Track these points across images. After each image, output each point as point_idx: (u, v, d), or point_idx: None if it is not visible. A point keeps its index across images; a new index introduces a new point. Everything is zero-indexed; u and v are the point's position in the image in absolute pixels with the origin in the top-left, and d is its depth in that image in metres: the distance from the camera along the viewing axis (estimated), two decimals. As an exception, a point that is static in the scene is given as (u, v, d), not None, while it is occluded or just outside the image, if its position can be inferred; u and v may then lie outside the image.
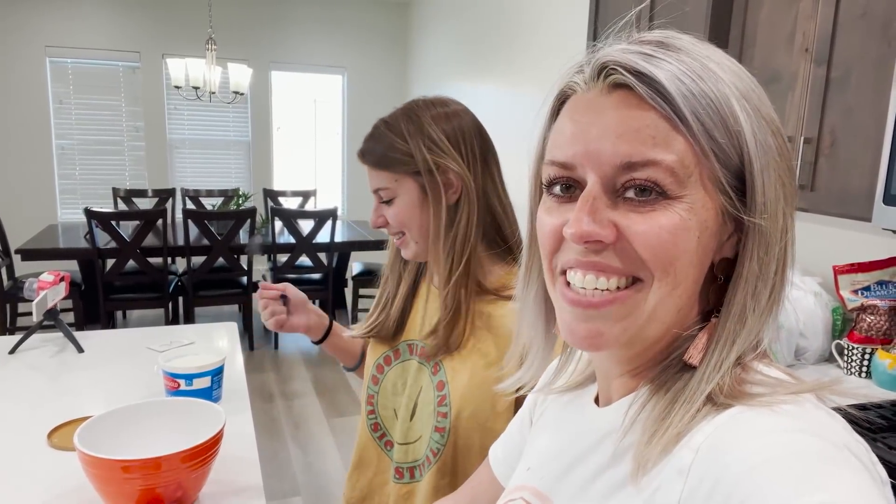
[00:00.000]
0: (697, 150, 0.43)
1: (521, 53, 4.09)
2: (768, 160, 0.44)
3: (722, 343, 0.46)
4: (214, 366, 1.37)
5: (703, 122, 0.42)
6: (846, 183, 1.59)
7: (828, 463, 0.37)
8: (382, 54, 6.40)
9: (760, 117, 0.45)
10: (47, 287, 1.65)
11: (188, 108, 5.83)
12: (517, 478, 0.62)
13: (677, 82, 0.42)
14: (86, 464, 0.94)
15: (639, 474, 0.44)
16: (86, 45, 5.50)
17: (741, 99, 0.43)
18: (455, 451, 0.94)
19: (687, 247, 0.44)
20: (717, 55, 0.46)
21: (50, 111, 5.50)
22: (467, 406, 0.93)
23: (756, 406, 0.42)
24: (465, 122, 0.98)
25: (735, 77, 0.45)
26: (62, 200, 5.68)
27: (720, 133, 0.43)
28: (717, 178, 0.44)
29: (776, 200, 0.45)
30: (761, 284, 0.45)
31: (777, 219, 0.45)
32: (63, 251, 3.91)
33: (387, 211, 0.99)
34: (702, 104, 0.42)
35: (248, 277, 4.26)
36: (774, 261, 0.45)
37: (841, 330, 1.83)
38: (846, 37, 1.58)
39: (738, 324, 0.46)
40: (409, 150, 0.95)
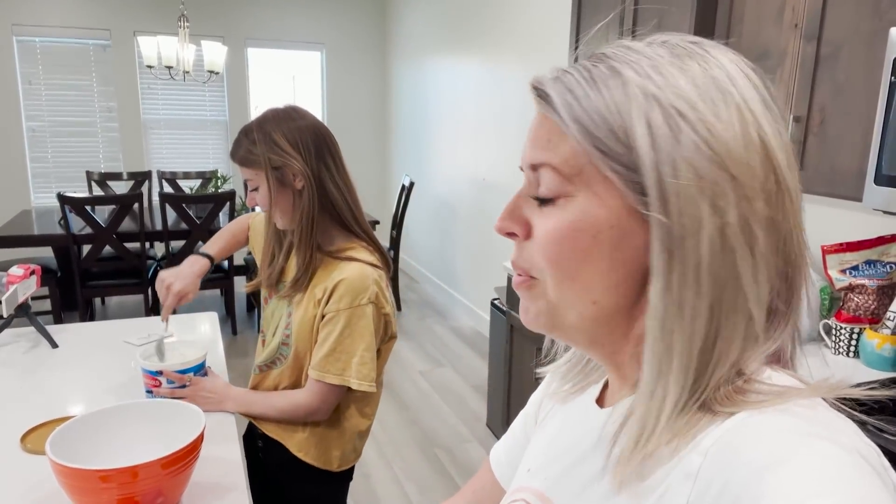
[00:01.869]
0: (581, 150, 0.46)
1: (502, 30, 4.01)
2: (674, 154, 0.43)
3: (658, 359, 0.45)
4: (195, 363, 1.33)
5: (584, 123, 0.45)
6: (836, 162, 1.57)
7: (838, 467, 0.37)
8: (361, 30, 6.27)
9: (672, 115, 0.43)
10: (17, 281, 1.59)
11: (162, 88, 5.67)
12: (518, 479, 0.62)
13: (566, 94, 0.46)
14: (59, 474, 0.90)
15: (620, 490, 0.45)
16: (54, 22, 5.31)
17: (646, 97, 0.44)
18: (294, 354, 1.37)
19: (576, 247, 0.47)
20: (660, 61, 0.45)
21: (19, 92, 5.33)
22: (300, 329, 1.36)
23: (766, 410, 0.42)
24: (306, 129, 1.32)
25: (654, 80, 0.44)
26: (35, 185, 5.53)
27: (604, 132, 0.45)
28: (609, 175, 0.45)
29: (686, 194, 0.43)
30: (681, 284, 0.43)
31: (687, 212, 0.43)
32: (37, 238, 3.81)
33: (256, 195, 1.34)
34: (585, 109, 0.45)
35: (229, 262, 4.19)
36: (694, 259, 0.43)
37: (829, 309, 1.82)
38: (837, 12, 1.54)
39: (661, 329, 0.44)
40: (258, 153, 1.29)
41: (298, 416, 1.36)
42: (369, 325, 1.32)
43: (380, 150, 6.56)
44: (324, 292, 1.32)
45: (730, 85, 0.44)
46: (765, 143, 0.44)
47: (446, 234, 5.15)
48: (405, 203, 4.80)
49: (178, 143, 5.90)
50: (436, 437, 3.06)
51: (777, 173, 0.44)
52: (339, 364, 1.30)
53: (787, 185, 0.44)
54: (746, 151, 0.43)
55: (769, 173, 0.44)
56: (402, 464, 2.83)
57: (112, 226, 3.71)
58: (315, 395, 1.33)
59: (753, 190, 0.43)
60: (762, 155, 0.44)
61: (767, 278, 0.44)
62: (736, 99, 0.44)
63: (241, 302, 4.92)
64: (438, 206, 5.28)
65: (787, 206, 0.44)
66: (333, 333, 1.30)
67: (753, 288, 0.43)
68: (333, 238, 1.37)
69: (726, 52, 0.47)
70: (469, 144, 4.60)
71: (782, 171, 0.44)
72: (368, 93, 6.41)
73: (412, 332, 4.48)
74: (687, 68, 0.45)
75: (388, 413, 3.28)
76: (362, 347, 1.31)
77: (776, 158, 0.44)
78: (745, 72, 0.46)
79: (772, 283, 0.44)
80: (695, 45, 0.46)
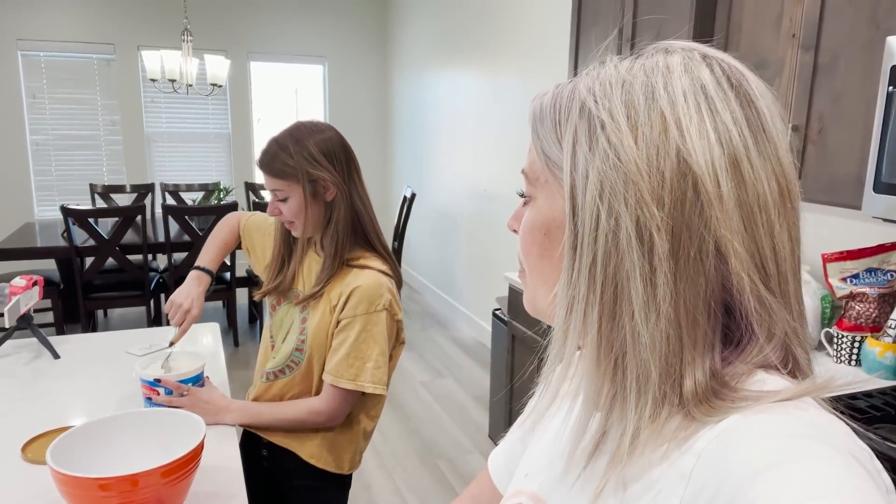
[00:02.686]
0: (540, 157, 0.51)
1: (503, 41, 4.04)
2: (588, 163, 0.46)
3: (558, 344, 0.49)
4: (193, 373, 1.33)
5: (539, 132, 0.51)
6: (835, 170, 1.58)
7: (831, 469, 0.37)
8: (363, 43, 6.31)
9: (595, 126, 0.46)
10: (19, 292, 1.60)
11: (165, 101, 5.71)
12: (516, 483, 0.62)
13: (536, 104, 0.52)
14: (59, 482, 0.90)
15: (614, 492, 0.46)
16: (58, 37, 5.36)
17: (581, 112, 0.47)
18: (308, 360, 1.39)
19: (534, 242, 0.53)
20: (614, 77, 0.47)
21: (23, 106, 5.37)
22: (316, 334, 1.37)
23: (759, 412, 0.42)
24: (335, 141, 1.36)
25: (594, 94, 0.47)
26: (38, 197, 5.56)
27: (550, 143, 0.49)
28: (550, 179, 0.50)
29: (589, 197, 0.45)
30: (577, 279, 0.46)
31: (588, 214, 0.45)
32: (40, 250, 3.83)
33: (282, 206, 1.35)
34: (541, 120, 0.51)
35: (231, 273, 4.19)
36: (589, 257, 0.45)
37: (830, 318, 1.82)
38: (834, 22, 1.55)
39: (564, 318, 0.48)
40: (295, 165, 1.31)
41: (318, 423, 1.37)
42: (383, 330, 1.34)
43: (381, 161, 6.59)
44: (339, 298, 1.34)
45: (661, 89, 0.45)
46: (681, 151, 0.43)
47: (447, 244, 5.16)
48: (407, 214, 4.81)
49: (180, 156, 5.93)
50: (437, 448, 3.05)
51: (696, 179, 0.43)
52: (352, 370, 1.32)
53: (709, 194, 0.43)
54: (658, 159, 0.43)
55: (683, 180, 0.43)
56: (404, 474, 2.82)
57: (115, 238, 3.72)
58: (332, 400, 1.34)
59: (655, 196, 0.43)
60: (675, 161, 0.43)
61: (677, 283, 0.43)
62: (661, 104, 0.44)
63: (244, 314, 4.92)
64: (439, 217, 5.29)
65: (710, 215, 0.43)
66: (349, 339, 1.32)
67: (644, 290, 0.43)
68: (353, 247, 1.39)
69: (686, 52, 0.47)
70: (469, 156, 4.62)
71: (704, 178, 0.43)
72: (370, 105, 6.45)
73: (414, 343, 4.47)
74: (630, 78, 0.46)
75: (390, 424, 3.27)
76: (377, 352, 1.33)
77: (696, 164, 0.43)
78: (694, 72, 0.45)
79: (696, 288, 0.43)
80: (659, 51, 0.48)
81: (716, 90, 0.45)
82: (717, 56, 0.47)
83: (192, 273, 1.52)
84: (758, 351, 0.45)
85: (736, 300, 0.45)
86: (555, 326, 0.49)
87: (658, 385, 0.44)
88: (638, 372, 0.44)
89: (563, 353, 0.48)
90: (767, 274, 0.45)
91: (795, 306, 0.46)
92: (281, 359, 1.43)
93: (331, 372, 1.33)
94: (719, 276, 0.44)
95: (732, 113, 0.45)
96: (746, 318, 0.45)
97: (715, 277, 0.44)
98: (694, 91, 0.45)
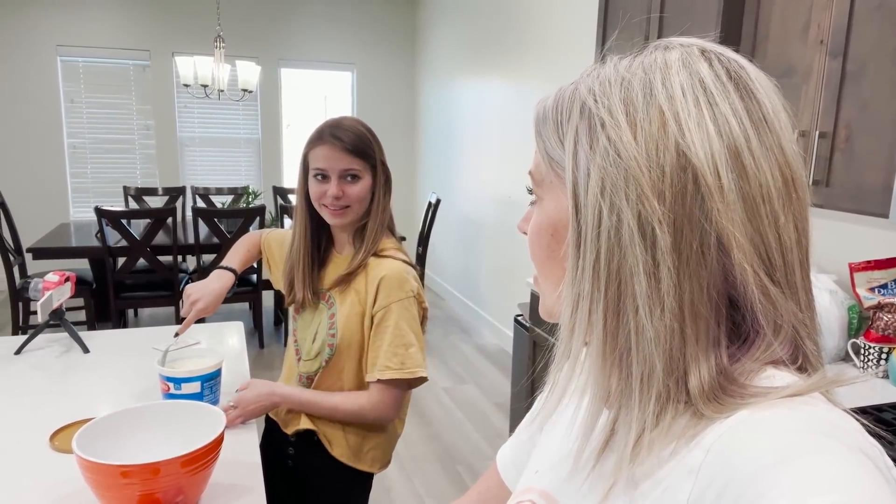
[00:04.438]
0: (545, 158, 0.51)
1: (529, 49, 4.05)
2: (589, 161, 0.46)
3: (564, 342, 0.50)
4: (207, 370, 1.33)
5: (543, 135, 0.51)
6: (862, 178, 1.55)
7: (841, 464, 0.37)
8: (391, 50, 6.38)
9: (595, 125, 0.47)
10: (52, 287, 1.65)
11: (198, 106, 5.84)
12: (525, 480, 0.62)
13: (540, 107, 0.52)
14: (84, 469, 0.93)
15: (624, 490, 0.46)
16: (96, 43, 5.52)
17: (582, 111, 0.48)
18: (339, 353, 1.38)
19: (541, 243, 0.53)
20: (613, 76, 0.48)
21: (61, 110, 5.53)
22: (347, 323, 1.37)
23: (768, 407, 0.42)
24: None
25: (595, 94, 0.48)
26: (74, 199, 5.71)
27: (555, 143, 0.50)
28: (554, 180, 0.51)
29: (591, 194, 0.46)
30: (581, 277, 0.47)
31: (591, 211, 0.46)
32: (74, 249, 3.93)
33: (348, 187, 1.35)
34: (544, 122, 0.51)
35: (257, 276, 4.26)
36: (593, 254, 0.46)
37: (857, 329, 1.79)
38: (862, 29, 1.54)
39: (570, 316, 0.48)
40: (377, 150, 1.39)
41: (366, 421, 1.38)
42: (415, 315, 1.36)
43: (407, 167, 6.63)
44: (366, 289, 1.36)
45: (659, 85, 0.45)
46: (679, 144, 0.44)
47: (471, 251, 5.16)
48: (431, 220, 4.83)
49: (211, 160, 6.04)
50: (458, 454, 3.05)
51: (696, 172, 0.43)
52: (397, 358, 1.32)
53: (708, 186, 0.43)
54: (657, 154, 0.44)
55: (683, 173, 0.43)
56: (424, 479, 2.83)
57: (146, 239, 3.81)
58: (380, 398, 1.34)
59: (656, 191, 0.43)
60: (675, 155, 0.44)
61: (680, 277, 0.43)
62: (660, 100, 0.45)
63: (269, 315, 4.99)
64: (464, 224, 5.31)
65: (711, 207, 0.43)
66: (388, 329, 1.33)
67: (648, 285, 0.44)
68: (382, 239, 1.44)
69: (684, 47, 0.47)
70: (494, 162, 4.63)
71: (704, 175, 0.43)
72: (397, 111, 6.50)
73: (436, 349, 4.48)
74: (629, 76, 0.47)
75: (411, 428, 3.28)
76: (413, 337, 1.35)
77: (695, 157, 0.43)
78: (692, 66, 0.46)
79: (700, 282, 0.44)
80: (658, 48, 0.48)
81: (714, 83, 0.45)
82: (716, 50, 0.48)
83: (214, 271, 1.54)
84: (766, 346, 0.45)
85: (740, 293, 0.45)
86: (560, 324, 0.50)
87: (662, 381, 0.44)
88: (643, 368, 0.45)
89: (570, 350, 0.49)
90: (773, 265, 0.44)
91: (804, 297, 0.46)
92: (313, 359, 1.43)
93: (377, 367, 1.32)
94: (721, 268, 0.44)
95: (732, 105, 0.45)
96: (752, 311, 0.45)
97: (718, 270, 0.44)
98: (692, 85, 0.45)
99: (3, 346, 1.72)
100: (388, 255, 1.38)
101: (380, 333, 1.34)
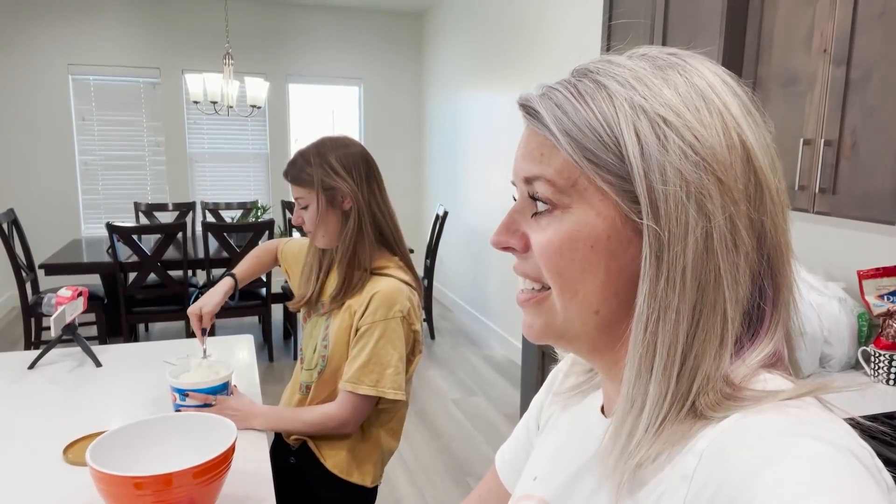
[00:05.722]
0: (574, 162, 0.47)
1: (534, 61, 4.08)
2: (663, 161, 0.44)
3: (639, 362, 0.46)
4: (219, 382, 1.35)
5: (575, 136, 0.46)
6: (868, 185, 1.55)
7: (831, 467, 0.37)
8: (398, 64, 6.43)
9: (658, 123, 0.45)
10: (65, 302, 1.67)
11: (207, 123, 5.90)
12: (524, 486, 0.62)
13: (555, 109, 0.48)
14: (97, 480, 0.94)
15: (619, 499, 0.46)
16: (107, 62, 5.60)
17: (633, 108, 0.45)
18: (329, 366, 1.42)
19: (575, 257, 0.47)
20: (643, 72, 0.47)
21: (73, 128, 5.60)
22: (336, 339, 1.41)
23: (759, 411, 0.42)
24: (357, 155, 1.42)
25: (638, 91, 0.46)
26: (85, 215, 5.77)
27: (594, 144, 0.46)
28: (602, 185, 0.46)
29: (674, 199, 0.44)
30: (666, 288, 0.44)
31: (675, 217, 0.44)
32: (86, 265, 3.97)
33: (304, 214, 1.42)
34: (575, 123, 0.47)
35: (266, 289, 4.28)
36: (681, 263, 0.44)
37: (867, 336, 1.78)
38: (865, 36, 1.54)
39: (645, 332, 0.45)
40: (312, 173, 1.39)
41: (328, 429, 1.39)
42: (402, 336, 1.37)
43: (415, 180, 6.66)
44: (359, 304, 1.39)
45: (711, 92, 0.46)
46: (746, 146, 0.45)
47: (479, 262, 5.17)
48: (439, 232, 4.85)
49: (221, 175, 6.09)
50: (467, 466, 3.04)
51: (758, 175, 0.45)
52: (373, 375, 1.34)
53: (767, 185, 0.46)
54: (730, 155, 0.45)
55: (750, 175, 0.45)
56: (434, 491, 2.82)
57: (157, 254, 3.84)
58: (345, 405, 1.36)
59: (738, 191, 0.44)
60: (743, 157, 0.45)
61: (749, 278, 0.45)
62: (717, 105, 0.46)
63: (279, 329, 5.00)
64: (471, 236, 5.32)
65: (768, 206, 0.46)
66: (369, 345, 1.35)
67: (734, 288, 0.44)
68: (375, 257, 1.45)
69: (704, 62, 0.49)
70: (501, 174, 4.64)
71: (763, 173, 0.46)
72: (404, 125, 6.54)
73: (445, 361, 4.48)
74: (669, 78, 0.47)
75: (421, 440, 3.28)
76: (396, 358, 1.36)
77: (757, 160, 0.45)
78: (724, 79, 0.48)
79: (755, 282, 0.46)
80: (674, 57, 0.48)
81: (739, 88, 0.48)
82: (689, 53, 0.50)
83: (220, 281, 1.61)
84: (762, 348, 0.46)
85: (755, 294, 0.46)
86: (632, 344, 0.46)
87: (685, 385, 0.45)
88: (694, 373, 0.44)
89: (651, 365, 0.45)
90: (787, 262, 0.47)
91: (795, 294, 0.48)
92: (312, 369, 1.46)
93: (350, 379, 1.35)
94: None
95: (759, 114, 0.48)
96: (759, 312, 0.46)
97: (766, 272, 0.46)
98: (733, 91, 0.47)
99: (17, 361, 1.75)
100: (387, 274, 1.40)
101: (360, 347, 1.36)
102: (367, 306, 1.36)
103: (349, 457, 1.43)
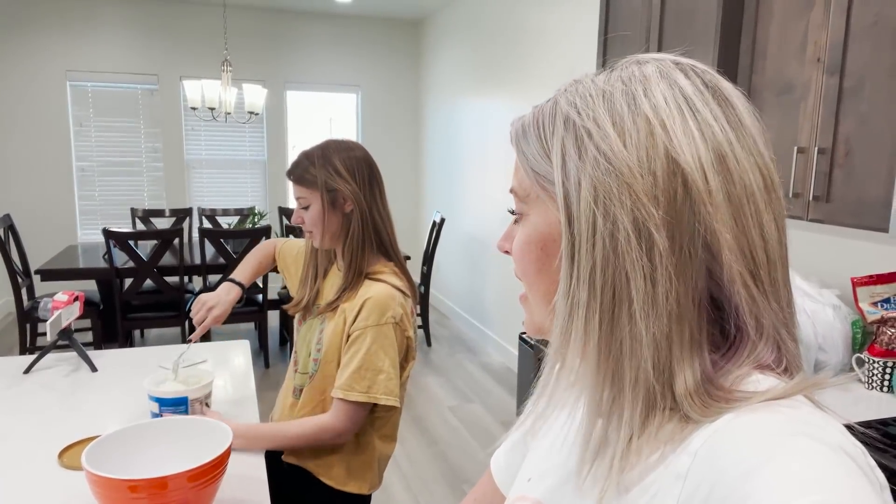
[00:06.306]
0: (529, 174, 0.52)
1: (532, 69, 4.10)
2: (579, 170, 0.47)
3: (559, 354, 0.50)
4: (177, 394, 1.29)
5: (525, 150, 0.52)
6: (862, 193, 1.57)
7: (824, 465, 0.37)
8: (396, 72, 6.45)
9: (582, 137, 0.48)
10: (61, 307, 1.67)
11: (205, 129, 5.90)
12: (519, 488, 0.62)
13: (517, 125, 0.54)
14: (93, 483, 0.94)
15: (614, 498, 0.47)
16: (105, 68, 5.61)
17: (566, 123, 0.49)
18: (322, 370, 1.42)
19: (530, 258, 0.53)
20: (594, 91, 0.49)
21: (70, 133, 5.60)
22: (329, 343, 1.41)
23: (752, 410, 0.42)
24: (360, 159, 1.45)
25: (577, 108, 0.49)
26: (82, 221, 5.76)
27: (538, 159, 0.51)
28: (541, 194, 0.51)
29: (584, 204, 0.47)
30: (577, 286, 0.47)
31: (584, 220, 0.46)
32: (82, 271, 3.96)
33: (304, 214, 1.43)
34: (524, 138, 0.53)
35: (263, 296, 4.28)
36: (590, 262, 0.46)
37: (861, 343, 1.79)
38: (858, 45, 1.56)
39: (562, 328, 0.49)
40: (315, 174, 1.40)
41: (327, 440, 1.37)
42: (394, 342, 1.36)
43: (412, 187, 6.67)
44: (351, 308, 1.39)
45: (642, 95, 0.47)
46: (669, 150, 0.45)
47: (476, 270, 5.18)
48: (436, 239, 4.85)
49: (218, 182, 6.10)
50: (464, 473, 3.04)
51: (686, 176, 0.45)
52: (365, 381, 1.33)
53: (699, 187, 0.45)
54: (648, 160, 0.45)
55: (673, 178, 0.45)
56: (430, 498, 2.81)
57: (153, 260, 3.84)
58: (341, 415, 1.35)
59: (650, 195, 0.45)
60: (665, 161, 0.45)
61: (673, 279, 0.44)
62: (645, 108, 0.46)
63: (275, 335, 5.00)
64: (468, 243, 5.33)
65: (700, 209, 0.45)
66: (360, 351, 1.34)
67: (644, 289, 0.45)
68: (372, 262, 1.45)
69: (658, 61, 0.50)
70: (498, 182, 4.66)
71: (693, 174, 0.45)
72: (401, 132, 6.56)
73: (442, 368, 4.47)
74: (610, 89, 0.48)
75: (417, 448, 3.27)
76: (388, 363, 1.35)
77: (685, 162, 0.45)
78: (670, 77, 0.48)
79: (686, 284, 0.45)
80: (631, 63, 0.50)
81: (693, 91, 0.47)
82: (688, 62, 0.50)
83: (224, 283, 1.58)
84: (750, 350, 0.46)
85: (725, 295, 0.46)
86: (553, 335, 0.50)
87: (651, 385, 0.45)
88: (634, 373, 0.45)
89: (563, 358, 0.50)
90: (757, 263, 0.46)
91: (784, 294, 0.48)
92: (304, 373, 1.46)
93: (342, 386, 1.34)
94: (705, 270, 0.46)
95: (712, 111, 0.47)
96: (736, 313, 0.46)
97: (703, 272, 0.46)
98: (673, 94, 0.47)
99: (12, 365, 1.74)
100: (380, 279, 1.40)
101: (352, 353, 1.35)
102: (359, 312, 1.36)
103: (345, 472, 1.42)
